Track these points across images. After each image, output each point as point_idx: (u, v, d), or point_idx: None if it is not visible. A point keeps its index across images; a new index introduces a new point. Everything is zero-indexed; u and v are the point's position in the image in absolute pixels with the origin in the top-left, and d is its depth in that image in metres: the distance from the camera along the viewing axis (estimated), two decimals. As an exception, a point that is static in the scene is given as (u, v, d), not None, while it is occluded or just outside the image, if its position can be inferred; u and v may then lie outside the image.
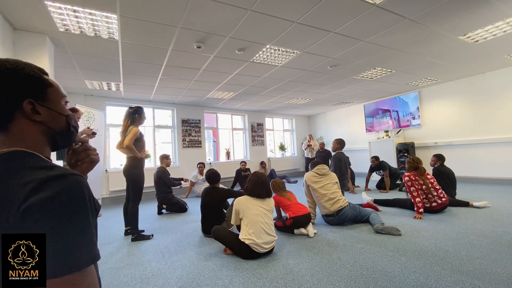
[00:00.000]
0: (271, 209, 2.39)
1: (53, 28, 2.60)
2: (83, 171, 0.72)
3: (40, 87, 0.57)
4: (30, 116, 0.54)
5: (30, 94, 0.55)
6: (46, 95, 0.58)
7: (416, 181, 3.23)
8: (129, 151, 2.80)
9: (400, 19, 2.77)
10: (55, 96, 0.60)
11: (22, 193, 0.44)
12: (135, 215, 2.87)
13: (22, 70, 0.54)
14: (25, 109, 0.53)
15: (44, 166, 0.51)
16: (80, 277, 0.46)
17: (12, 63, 0.54)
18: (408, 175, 3.26)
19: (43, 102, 0.57)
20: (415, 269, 1.84)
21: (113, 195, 5.36)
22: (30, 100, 0.54)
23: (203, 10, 2.40)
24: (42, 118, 0.56)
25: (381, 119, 7.16)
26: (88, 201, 0.50)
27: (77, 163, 0.71)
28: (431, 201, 3.20)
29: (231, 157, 7.77)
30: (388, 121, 6.94)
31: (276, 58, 3.72)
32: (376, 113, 7.29)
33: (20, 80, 0.54)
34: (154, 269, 2.12)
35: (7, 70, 0.53)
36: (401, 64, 4.30)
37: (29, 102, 0.54)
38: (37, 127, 0.56)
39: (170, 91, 5.25)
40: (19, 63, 0.55)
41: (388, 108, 6.94)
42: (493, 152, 5.11)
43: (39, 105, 0.56)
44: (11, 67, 0.53)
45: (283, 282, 1.78)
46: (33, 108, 0.55)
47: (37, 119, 0.55)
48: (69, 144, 0.67)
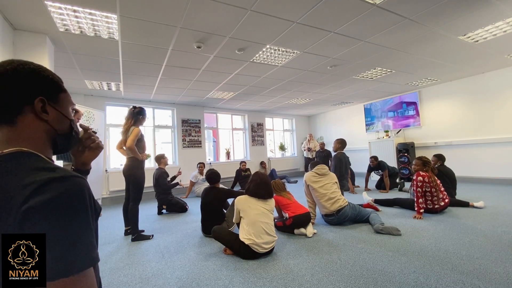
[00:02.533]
0: (272, 210, 2.39)
1: (53, 28, 2.60)
2: (90, 158, 0.80)
3: (55, 90, 0.62)
4: (38, 113, 0.57)
5: (43, 93, 0.58)
6: (58, 98, 0.62)
7: (428, 183, 3.15)
8: (130, 152, 2.80)
9: (400, 19, 2.77)
10: (65, 102, 0.65)
11: (23, 194, 0.45)
12: (135, 215, 2.87)
13: (44, 72, 0.59)
14: (36, 105, 0.56)
15: (45, 168, 0.51)
16: (79, 279, 0.46)
17: (36, 65, 0.59)
18: (423, 176, 3.17)
19: (53, 103, 0.61)
20: (415, 269, 1.84)
21: (113, 195, 5.36)
22: (42, 98, 0.57)
23: (203, 10, 2.40)
24: (48, 117, 0.59)
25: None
26: (89, 203, 0.51)
27: (84, 150, 0.78)
28: (436, 202, 3.18)
29: (231, 157, 7.77)
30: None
31: (276, 58, 3.72)
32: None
33: (38, 79, 0.58)
34: (154, 269, 2.12)
35: (30, 69, 0.57)
36: (401, 64, 4.30)
37: (41, 100, 0.57)
38: (42, 126, 0.58)
39: (170, 91, 5.25)
40: (43, 67, 0.60)
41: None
42: (493, 152, 5.11)
43: (49, 105, 0.59)
44: (34, 67, 0.58)
45: (283, 282, 1.78)
46: (43, 107, 0.58)
47: (43, 118, 0.58)
48: (67, 149, 0.69)
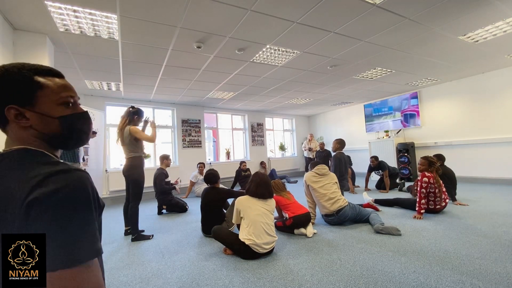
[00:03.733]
0: (272, 210, 2.39)
1: (53, 28, 2.60)
2: None
3: (28, 91, 0.54)
4: (15, 122, 0.54)
5: (13, 100, 0.53)
6: (35, 98, 0.55)
7: (433, 184, 3.12)
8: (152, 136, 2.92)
9: (400, 19, 2.77)
10: (46, 99, 0.56)
11: (27, 187, 0.46)
12: (135, 215, 2.87)
13: (9, 75, 0.53)
14: (8, 115, 0.53)
15: (48, 162, 0.52)
16: (85, 270, 0.46)
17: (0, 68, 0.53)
18: (428, 177, 3.14)
19: (31, 106, 0.54)
20: (415, 269, 1.84)
21: (113, 195, 5.36)
22: (12, 106, 0.53)
23: (203, 10, 2.40)
24: (30, 122, 0.54)
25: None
26: (92, 196, 0.51)
27: None
28: (438, 203, 3.18)
29: (231, 157, 7.76)
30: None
31: (276, 58, 3.72)
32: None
33: (4, 86, 0.53)
34: (154, 269, 2.12)
35: None
36: (401, 64, 4.30)
37: (10, 108, 0.53)
38: (28, 132, 0.55)
39: (170, 91, 5.25)
40: (8, 67, 0.54)
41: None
42: (493, 152, 5.11)
43: (27, 110, 0.54)
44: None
45: (283, 282, 1.78)
46: (18, 114, 0.53)
47: (24, 125, 0.54)
48: (69, 148, 0.65)
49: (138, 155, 2.89)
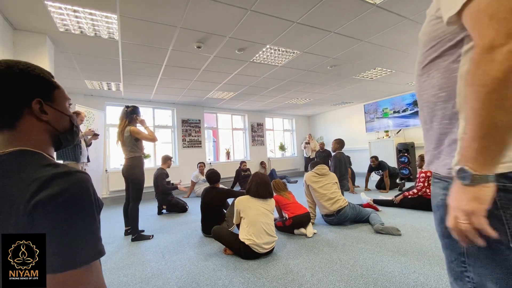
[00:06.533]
0: (272, 210, 2.39)
1: (53, 28, 2.60)
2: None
3: (49, 88, 0.61)
4: (38, 115, 0.57)
5: (39, 94, 0.58)
6: (53, 96, 0.61)
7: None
8: (150, 137, 2.89)
9: (400, 19, 2.77)
10: (61, 98, 0.64)
11: (29, 190, 0.46)
12: (135, 215, 2.87)
13: (33, 71, 0.58)
14: (34, 108, 0.56)
15: (50, 164, 0.53)
16: (87, 271, 0.47)
17: (23, 64, 0.57)
18: (425, 172, 3.44)
19: (50, 102, 0.60)
20: (415, 269, 1.84)
21: (113, 195, 5.36)
22: (39, 100, 0.57)
23: (203, 10, 2.40)
24: (48, 117, 0.59)
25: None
26: (93, 197, 0.52)
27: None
28: None
29: (231, 157, 7.77)
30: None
31: (276, 58, 3.72)
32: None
33: (31, 81, 0.57)
34: (154, 269, 2.12)
35: (19, 71, 0.55)
36: (401, 64, 4.29)
37: (38, 101, 0.57)
38: (43, 126, 0.59)
39: (170, 91, 5.25)
40: (30, 64, 0.58)
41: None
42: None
43: (47, 105, 0.59)
44: (23, 68, 0.56)
45: (283, 282, 1.78)
46: (41, 108, 0.57)
47: (44, 118, 0.58)
48: (71, 144, 0.70)
49: (138, 155, 2.89)
